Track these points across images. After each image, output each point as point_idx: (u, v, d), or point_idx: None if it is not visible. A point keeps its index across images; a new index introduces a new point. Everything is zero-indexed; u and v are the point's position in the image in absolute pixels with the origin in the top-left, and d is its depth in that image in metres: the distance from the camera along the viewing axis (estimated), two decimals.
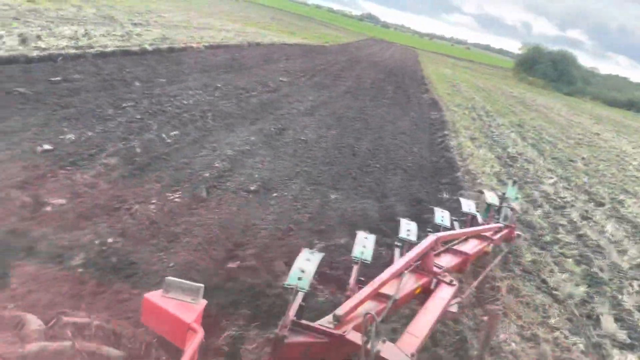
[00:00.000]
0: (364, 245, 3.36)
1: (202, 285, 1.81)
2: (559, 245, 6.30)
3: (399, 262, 3.14)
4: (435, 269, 3.37)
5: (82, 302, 3.01)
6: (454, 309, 3.15)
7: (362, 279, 3.10)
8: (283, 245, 4.47)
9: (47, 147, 5.19)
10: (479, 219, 5.01)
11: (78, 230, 3.83)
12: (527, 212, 7.26)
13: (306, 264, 2.71)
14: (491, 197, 5.40)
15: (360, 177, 7.01)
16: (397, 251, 3.67)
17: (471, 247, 4.19)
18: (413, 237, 3.72)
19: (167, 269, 3.61)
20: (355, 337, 2.39)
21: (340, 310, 2.53)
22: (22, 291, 2.99)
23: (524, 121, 18.32)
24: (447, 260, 3.72)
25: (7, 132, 5.37)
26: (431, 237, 3.43)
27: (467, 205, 4.98)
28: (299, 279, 2.58)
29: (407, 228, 3.86)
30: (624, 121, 32.65)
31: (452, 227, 4.44)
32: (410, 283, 3.12)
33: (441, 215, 4.43)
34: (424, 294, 3.18)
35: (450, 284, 3.24)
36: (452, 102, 18.07)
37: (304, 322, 2.47)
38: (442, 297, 3.08)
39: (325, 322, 2.52)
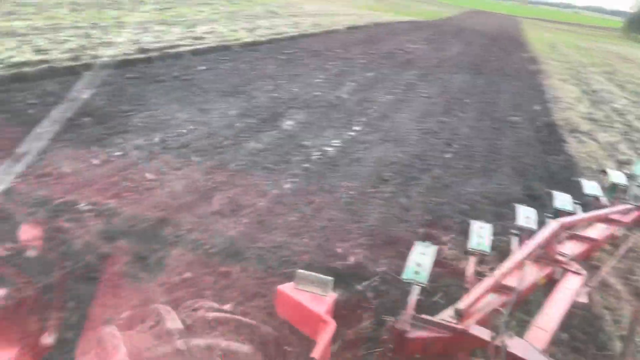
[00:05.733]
0: (480, 235, 3.27)
1: (331, 278, 1.92)
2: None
3: (520, 251, 3.02)
4: (558, 257, 3.24)
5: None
6: (583, 299, 3.01)
7: (480, 270, 3.12)
8: (445, 116, 9.20)
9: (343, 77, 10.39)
10: (605, 200, 4.68)
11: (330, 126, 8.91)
12: (595, 109, 11.27)
13: (422, 258, 2.70)
14: (616, 176, 4.91)
15: (483, 93, 11.55)
16: (514, 240, 3.51)
17: (598, 232, 3.95)
18: (533, 225, 3.55)
19: (372, 118, 8.52)
20: (480, 332, 2.34)
21: (461, 304, 2.43)
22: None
23: (617, 70, 21.15)
24: (571, 248, 3.53)
25: (299, 74, 10.64)
26: (553, 224, 3.27)
27: (590, 187, 4.66)
28: (416, 272, 2.59)
29: (526, 215, 3.68)
30: None
31: (574, 212, 4.11)
32: (533, 273, 3.00)
33: (562, 199, 4.16)
34: (549, 284, 3.08)
35: (577, 272, 3.12)
36: (549, 57, 21.48)
37: (424, 316, 2.47)
38: (569, 287, 2.97)
39: (446, 317, 2.49)
